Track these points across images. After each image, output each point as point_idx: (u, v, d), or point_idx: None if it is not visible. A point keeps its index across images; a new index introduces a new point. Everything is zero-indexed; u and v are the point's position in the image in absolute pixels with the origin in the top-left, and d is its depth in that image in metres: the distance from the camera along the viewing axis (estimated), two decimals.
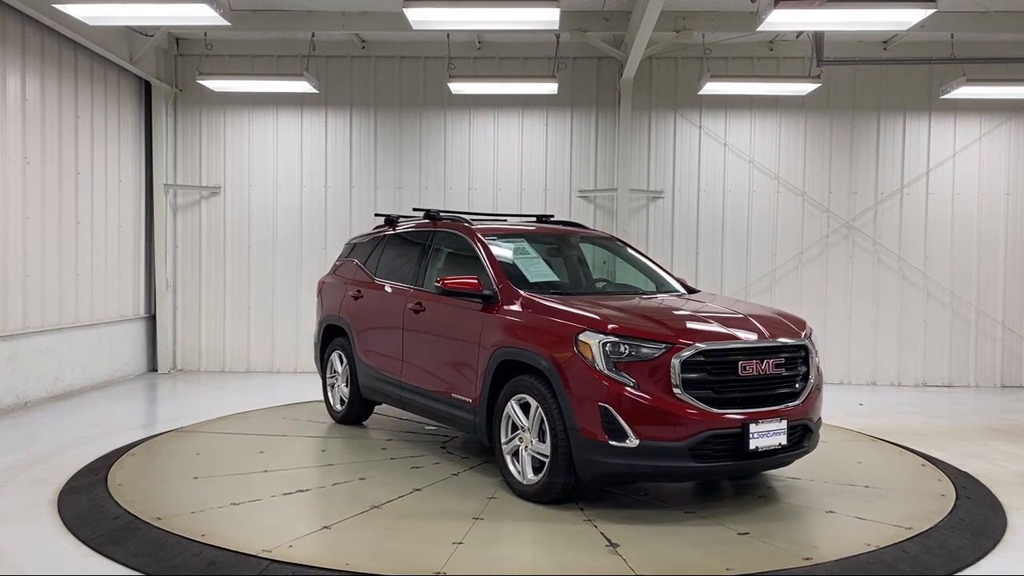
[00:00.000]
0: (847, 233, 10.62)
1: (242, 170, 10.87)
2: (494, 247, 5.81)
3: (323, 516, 4.70)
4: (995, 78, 9.85)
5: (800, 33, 9.92)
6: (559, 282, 6.08)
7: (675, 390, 4.51)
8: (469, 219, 6.50)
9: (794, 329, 5.09)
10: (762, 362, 4.76)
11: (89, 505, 4.85)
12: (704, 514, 4.81)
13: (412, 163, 10.80)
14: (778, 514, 4.86)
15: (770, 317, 5.21)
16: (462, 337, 5.57)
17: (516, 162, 10.79)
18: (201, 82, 9.81)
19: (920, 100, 10.54)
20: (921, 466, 6.16)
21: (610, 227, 10.40)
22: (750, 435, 4.57)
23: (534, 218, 7.20)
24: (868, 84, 10.56)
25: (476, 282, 5.44)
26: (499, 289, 5.40)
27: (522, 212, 10.01)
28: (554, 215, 7.64)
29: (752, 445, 4.58)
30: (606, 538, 4.35)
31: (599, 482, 4.95)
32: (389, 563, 3.96)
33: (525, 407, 4.99)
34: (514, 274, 5.59)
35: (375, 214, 8.35)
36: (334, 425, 7.22)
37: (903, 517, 4.80)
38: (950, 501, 5.16)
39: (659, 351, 4.56)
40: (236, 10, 9.13)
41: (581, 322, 4.77)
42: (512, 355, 5.07)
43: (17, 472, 5.67)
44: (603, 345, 4.60)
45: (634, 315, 4.96)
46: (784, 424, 4.73)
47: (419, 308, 6.10)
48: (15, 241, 8.10)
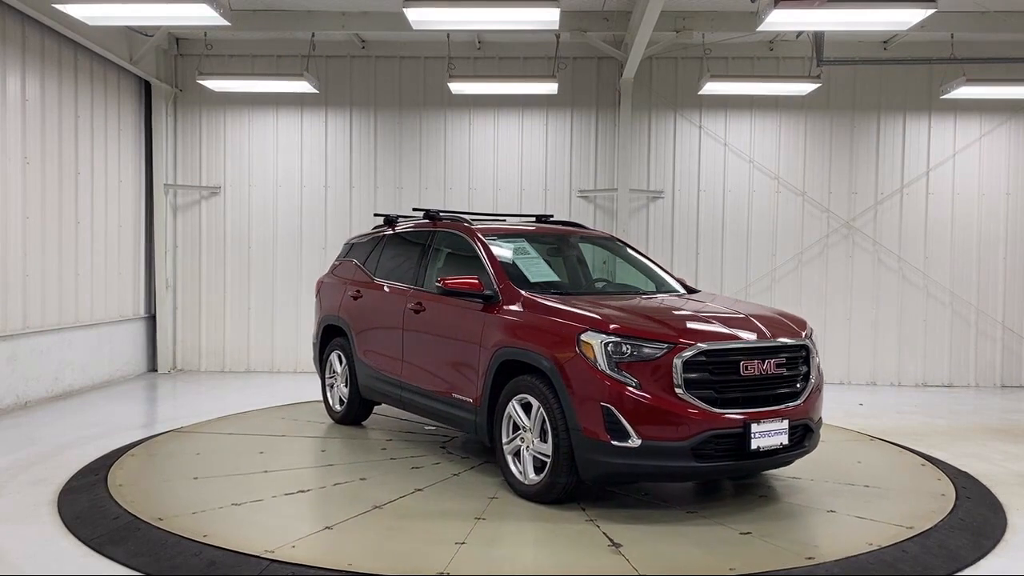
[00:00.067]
0: (847, 233, 10.62)
1: (242, 170, 10.86)
2: (494, 247, 5.81)
3: (325, 516, 4.69)
4: (995, 78, 9.86)
5: (800, 33, 9.92)
6: (559, 282, 6.07)
7: (677, 390, 4.51)
8: (469, 219, 6.50)
9: (795, 329, 5.10)
10: (763, 362, 4.76)
11: (89, 505, 4.85)
12: (706, 514, 4.81)
13: (412, 163, 10.80)
14: (779, 513, 4.86)
15: (771, 317, 5.22)
16: (463, 337, 5.56)
17: (516, 162, 10.79)
18: (201, 82, 9.80)
19: (920, 100, 10.55)
20: (921, 466, 6.16)
21: (610, 227, 10.39)
22: (752, 435, 4.57)
23: (533, 218, 7.20)
24: (868, 84, 10.56)
25: (477, 282, 5.44)
26: (500, 289, 5.40)
27: (522, 212, 10.00)
28: (553, 215, 7.64)
29: (754, 445, 4.58)
30: (609, 538, 4.35)
31: (601, 482, 4.96)
32: (392, 563, 3.96)
33: (526, 407, 4.99)
34: (515, 274, 5.59)
35: (374, 214, 8.35)
36: (333, 425, 7.21)
37: (903, 517, 4.80)
38: (950, 501, 5.17)
39: (661, 351, 4.56)
40: (236, 10, 9.13)
41: (583, 322, 4.77)
42: (513, 355, 5.07)
43: (17, 472, 5.66)
44: (605, 345, 4.60)
45: (636, 315, 4.96)
46: (785, 424, 4.73)
47: (419, 308, 6.10)
48: (15, 241, 8.09)
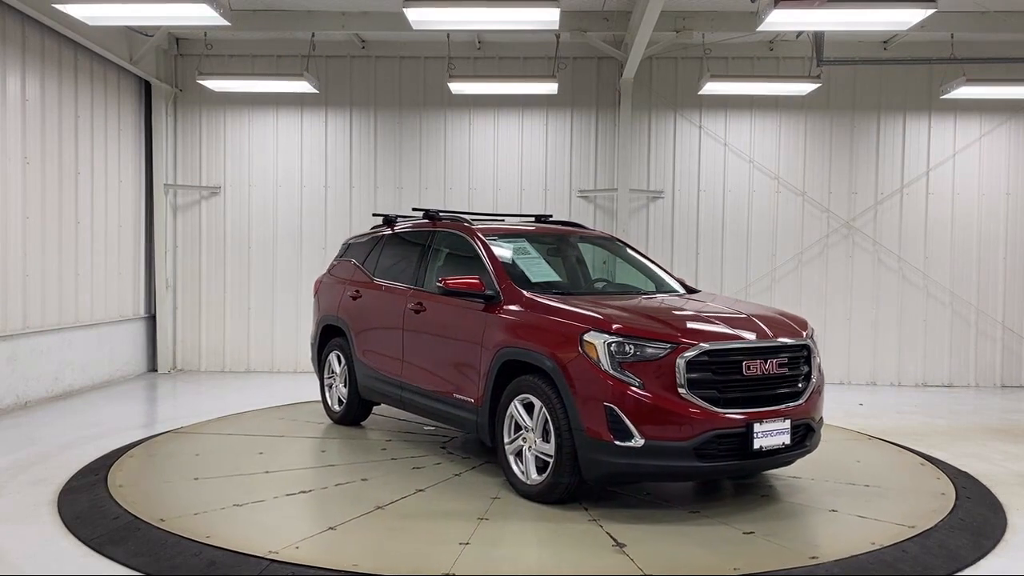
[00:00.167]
0: (847, 233, 10.63)
1: (242, 170, 10.85)
2: (495, 247, 5.80)
3: (327, 517, 4.68)
4: (995, 78, 9.86)
5: (800, 33, 9.92)
6: (560, 282, 6.07)
7: (680, 390, 4.51)
8: (469, 219, 6.50)
9: (796, 329, 5.10)
10: (765, 362, 4.76)
11: (89, 505, 4.84)
12: (708, 513, 4.81)
13: (412, 163, 10.79)
14: (781, 513, 4.87)
15: (772, 317, 5.22)
16: (464, 337, 5.56)
17: (516, 162, 10.79)
18: (201, 82, 9.79)
19: (920, 100, 10.55)
20: (921, 465, 6.17)
21: (610, 227, 10.39)
22: (754, 435, 4.57)
23: (533, 218, 7.20)
24: (868, 84, 10.57)
25: (478, 282, 5.43)
26: (501, 289, 5.39)
27: (522, 212, 9.99)
28: (553, 215, 7.64)
29: (756, 444, 4.59)
30: (612, 538, 4.34)
31: (604, 482, 4.96)
32: (396, 564, 3.96)
33: (528, 407, 4.98)
34: (516, 274, 5.59)
35: (373, 214, 8.34)
36: (333, 426, 7.20)
37: (904, 516, 4.81)
38: (950, 501, 5.17)
39: (664, 351, 4.56)
40: (236, 10, 9.12)
41: (586, 322, 4.77)
42: (515, 355, 5.07)
43: (17, 472, 5.65)
44: (608, 345, 4.59)
45: (638, 315, 4.96)
46: (787, 424, 4.74)
47: (420, 308, 6.09)
48: (15, 241, 8.08)
